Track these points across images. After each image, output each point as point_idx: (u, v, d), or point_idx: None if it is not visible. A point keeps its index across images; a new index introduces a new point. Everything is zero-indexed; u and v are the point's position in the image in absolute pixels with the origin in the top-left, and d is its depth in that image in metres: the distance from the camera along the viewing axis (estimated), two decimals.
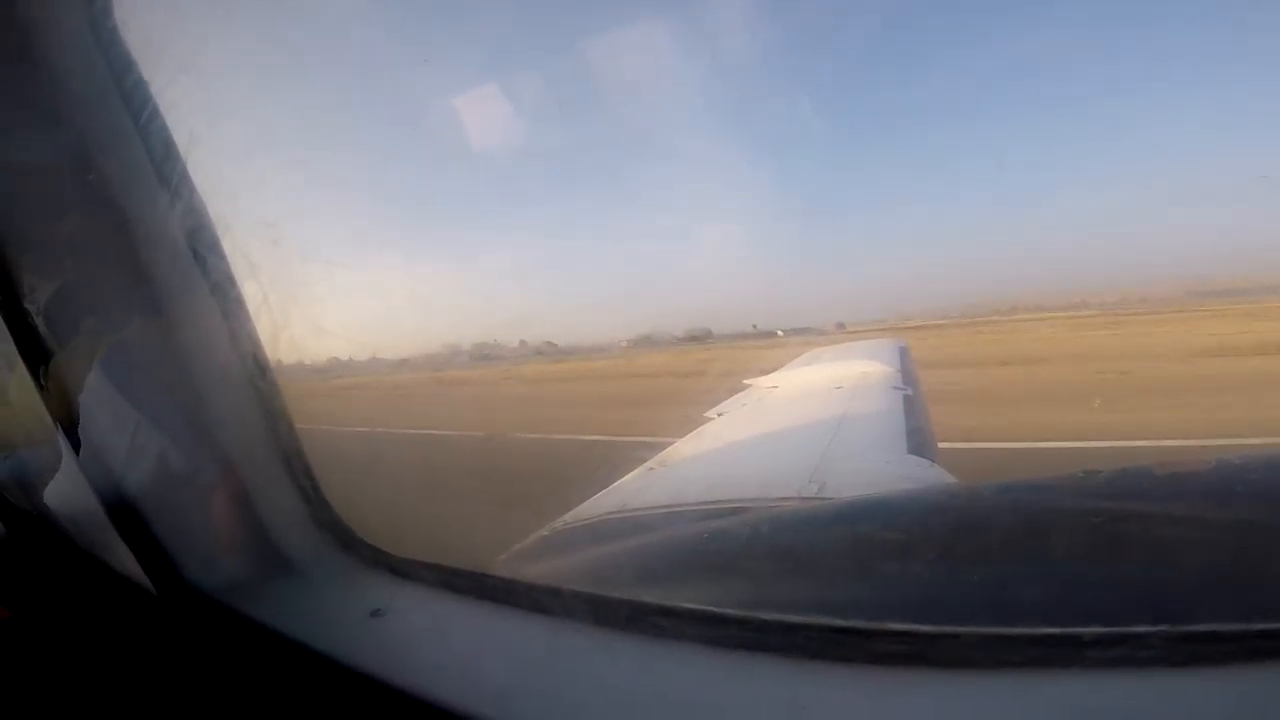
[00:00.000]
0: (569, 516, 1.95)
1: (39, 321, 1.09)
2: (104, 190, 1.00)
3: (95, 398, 1.05)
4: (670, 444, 2.92)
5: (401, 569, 1.06)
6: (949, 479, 2.13)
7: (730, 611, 0.76)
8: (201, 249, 1.03)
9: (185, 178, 1.02)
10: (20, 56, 0.96)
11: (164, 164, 1.02)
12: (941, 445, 2.71)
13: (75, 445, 1.08)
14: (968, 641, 0.67)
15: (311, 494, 1.12)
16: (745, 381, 4.26)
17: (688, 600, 0.82)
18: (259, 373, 1.08)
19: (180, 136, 1.02)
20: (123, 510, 1.03)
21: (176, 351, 1.05)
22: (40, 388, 1.11)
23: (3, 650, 1.09)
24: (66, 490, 1.13)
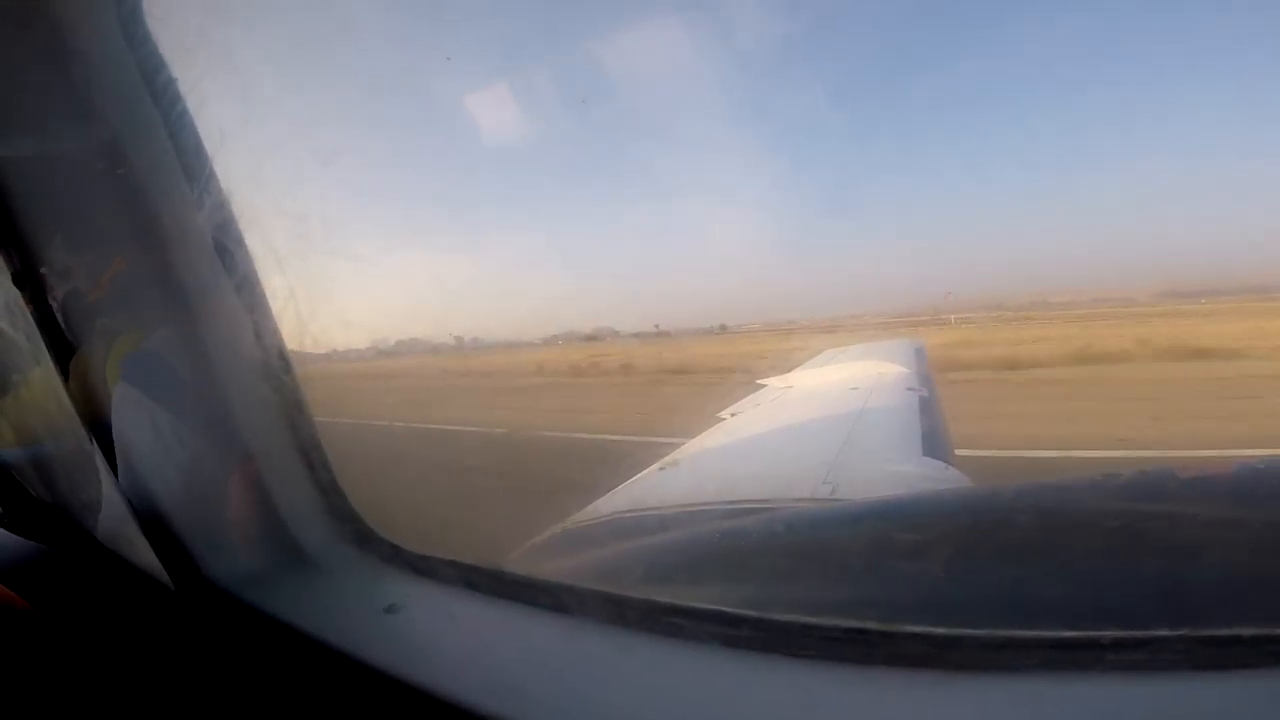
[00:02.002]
0: (581, 514, 1.96)
1: (64, 315, 1.10)
2: (131, 184, 1.02)
3: (119, 391, 1.06)
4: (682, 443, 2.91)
5: (417, 565, 1.07)
6: (964, 481, 2.11)
7: (745, 612, 0.76)
8: (228, 244, 1.04)
9: (212, 173, 1.03)
10: (50, 51, 0.97)
11: (192, 159, 1.03)
12: None
13: (97, 438, 1.10)
14: (984, 644, 0.66)
15: (330, 490, 1.13)
16: (760, 381, 4.25)
17: (701, 600, 0.81)
18: (282, 369, 1.09)
19: (209, 133, 1.03)
20: (143, 503, 1.05)
21: (200, 346, 1.06)
22: (64, 381, 1.12)
23: (24, 643, 1.10)
24: (88, 484, 1.15)
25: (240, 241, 1.05)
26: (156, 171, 1.02)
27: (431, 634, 0.95)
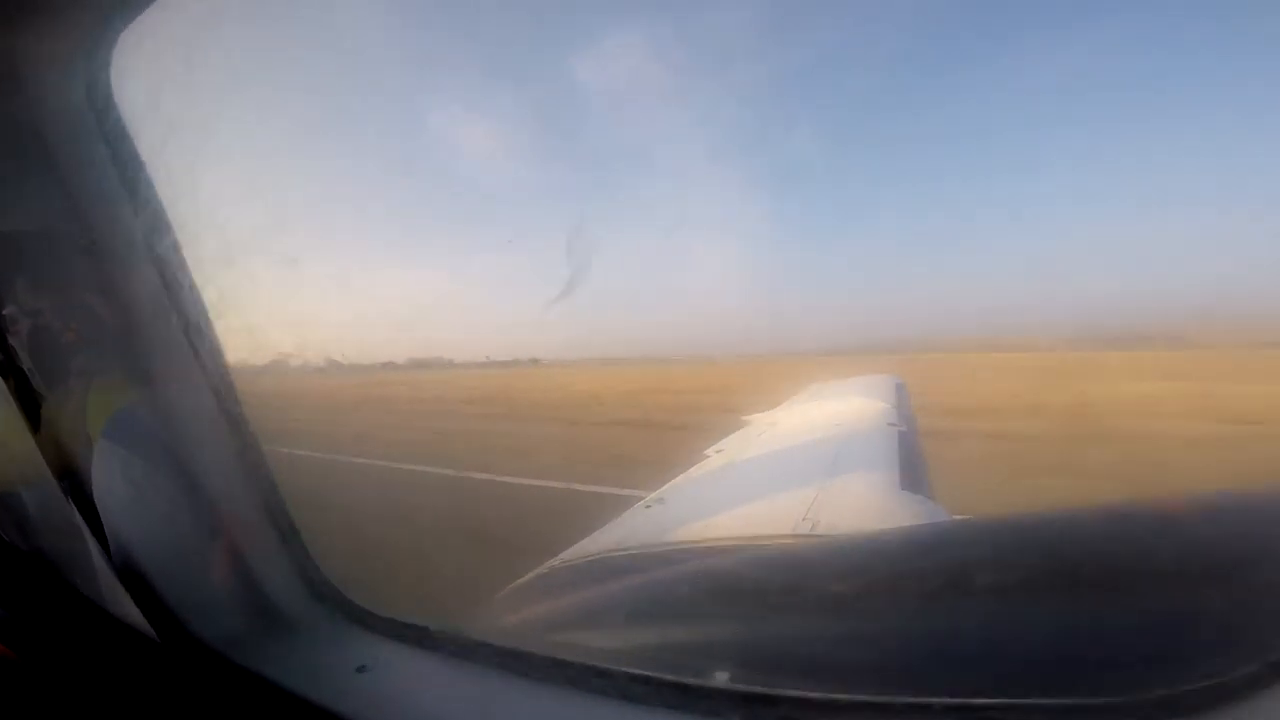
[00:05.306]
0: (566, 554, 1.94)
1: (31, 365, 1.11)
2: (107, 271, 1.05)
3: (99, 453, 1.07)
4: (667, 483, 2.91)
5: (386, 628, 1.10)
6: (943, 514, 2.12)
7: (712, 684, 0.76)
8: (195, 340, 1.07)
9: (184, 266, 1.06)
10: (26, 137, 0.99)
11: (163, 256, 1.05)
12: None
13: (70, 489, 1.09)
14: (942, 711, 0.67)
15: (303, 559, 1.17)
16: (743, 418, 4.25)
17: (679, 646, 0.82)
18: (256, 463, 1.14)
19: (182, 224, 1.06)
20: (126, 562, 1.05)
21: (181, 426, 1.10)
22: (34, 431, 1.12)
23: (8, 692, 1.09)
24: (68, 537, 1.14)
25: (212, 343, 1.09)
26: (129, 263, 1.04)
27: (398, 694, 0.96)
